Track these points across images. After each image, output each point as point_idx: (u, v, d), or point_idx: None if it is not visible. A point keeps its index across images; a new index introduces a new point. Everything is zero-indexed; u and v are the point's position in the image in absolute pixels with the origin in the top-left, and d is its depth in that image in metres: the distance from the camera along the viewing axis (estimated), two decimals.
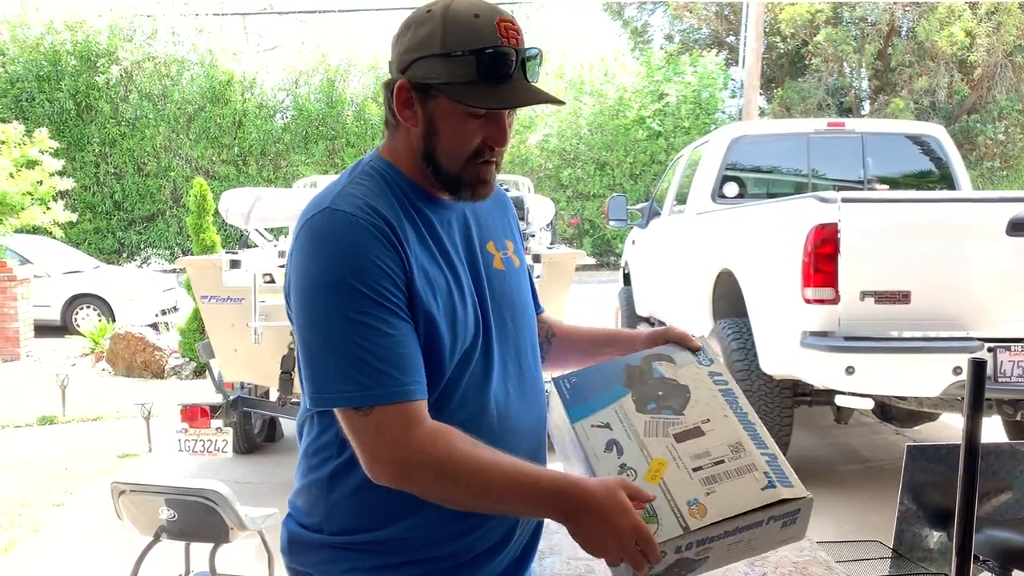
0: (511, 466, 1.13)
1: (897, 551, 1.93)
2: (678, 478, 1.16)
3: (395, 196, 1.22)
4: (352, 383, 1.12)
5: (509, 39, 1.17)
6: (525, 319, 1.36)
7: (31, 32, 18.57)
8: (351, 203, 1.17)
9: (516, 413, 1.29)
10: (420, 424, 1.13)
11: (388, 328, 1.13)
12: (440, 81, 1.17)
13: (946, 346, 3.74)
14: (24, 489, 4.71)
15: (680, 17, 22.59)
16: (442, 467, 1.12)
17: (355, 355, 1.12)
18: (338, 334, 1.12)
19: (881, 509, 4.05)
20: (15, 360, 9.45)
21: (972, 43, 17.71)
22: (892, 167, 5.97)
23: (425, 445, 1.12)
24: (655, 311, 6.98)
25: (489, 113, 1.20)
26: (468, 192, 1.24)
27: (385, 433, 1.12)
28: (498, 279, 1.31)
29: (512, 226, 1.44)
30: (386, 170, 1.25)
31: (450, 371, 1.21)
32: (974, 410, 1.45)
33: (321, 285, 1.14)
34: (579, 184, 19.48)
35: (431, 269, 1.20)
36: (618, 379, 1.30)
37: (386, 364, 1.12)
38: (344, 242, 1.14)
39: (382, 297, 1.13)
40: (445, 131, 1.20)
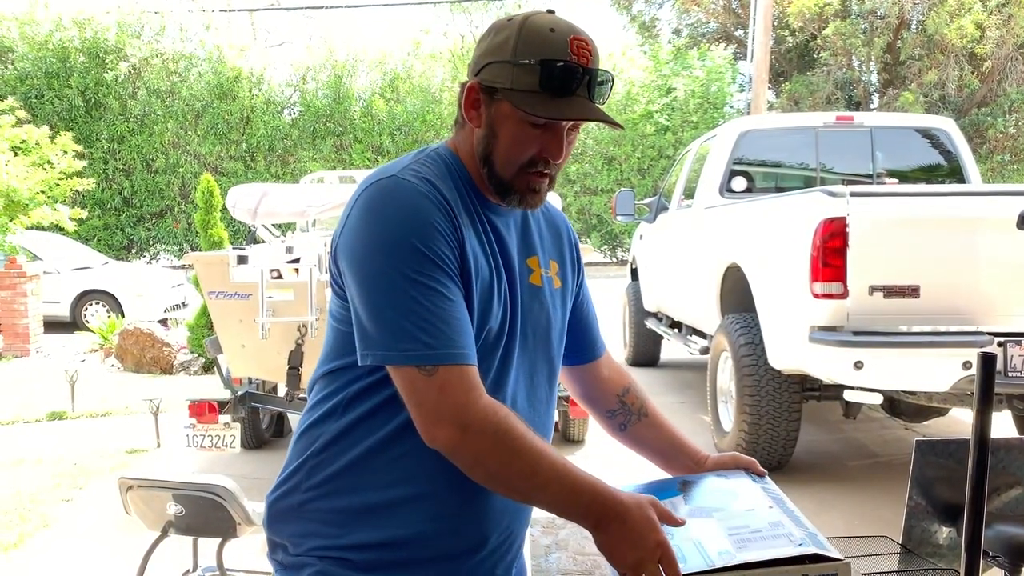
0: (560, 459, 1.15)
1: (906, 546, 1.92)
2: (712, 534, 1.19)
3: (455, 183, 1.26)
4: (416, 342, 1.12)
5: (579, 57, 1.20)
6: (548, 341, 1.36)
7: (40, 29, 18.63)
8: (416, 176, 1.21)
9: (524, 419, 1.27)
10: (481, 390, 1.15)
11: (447, 292, 1.15)
12: (505, 86, 1.20)
13: (955, 340, 3.72)
14: (34, 484, 4.73)
15: (688, 11, 22.51)
16: (502, 437, 1.12)
17: (419, 314, 1.13)
18: (400, 292, 1.13)
19: (890, 504, 4.04)
20: (25, 356, 9.50)
21: (982, 36, 17.59)
22: (901, 161, 5.94)
23: (488, 412, 1.13)
24: (663, 306, 6.97)
25: (548, 125, 1.22)
26: (517, 199, 1.26)
27: (449, 394, 1.12)
28: (530, 294, 1.33)
29: (565, 251, 1.45)
30: (451, 159, 1.29)
31: (480, 347, 1.23)
32: (984, 405, 1.44)
33: (385, 244, 1.15)
34: (587, 179, 19.45)
35: (479, 255, 1.23)
36: (673, 486, 1.38)
37: (447, 326, 1.13)
38: (408, 206, 1.17)
39: (442, 261, 1.15)
40: (504, 136, 1.23)
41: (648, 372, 7.79)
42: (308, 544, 1.24)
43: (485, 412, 1.13)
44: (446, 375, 1.13)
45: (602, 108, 1.25)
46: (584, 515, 1.14)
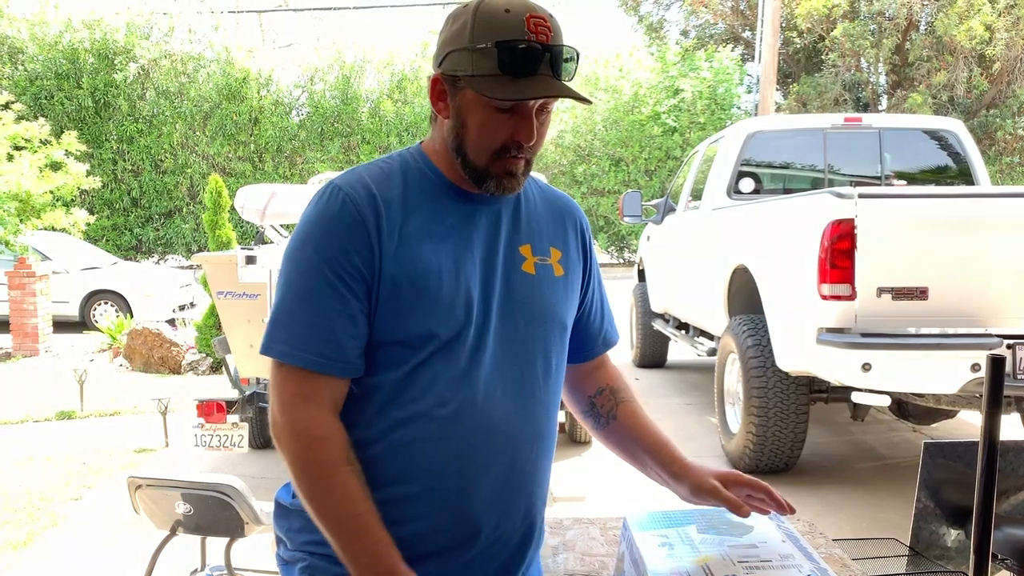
0: (355, 508, 1.15)
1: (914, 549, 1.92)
2: (722, 561, 1.21)
3: (408, 180, 1.26)
4: (276, 336, 1.20)
5: (538, 35, 1.17)
6: (544, 329, 1.32)
7: (50, 30, 18.75)
8: (349, 179, 1.23)
9: (503, 418, 1.26)
10: (310, 402, 1.18)
11: (324, 299, 1.18)
12: (466, 73, 1.19)
13: (964, 343, 3.70)
14: (43, 483, 4.75)
15: (696, 12, 22.49)
16: (304, 455, 1.17)
17: (289, 313, 1.20)
18: (289, 293, 1.21)
19: (898, 506, 4.03)
20: (34, 356, 9.54)
21: (991, 37, 17.52)
22: (910, 162, 5.93)
23: (301, 426, 1.18)
24: (670, 307, 6.96)
25: (516, 108, 1.20)
26: (493, 184, 1.24)
27: (282, 391, 1.19)
28: (522, 282, 1.29)
29: (570, 239, 1.40)
30: (413, 157, 1.29)
31: (422, 355, 1.21)
32: (992, 407, 1.44)
33: (293, 247, 1.22)
34: (594, 180, 19.45)
35: (425, 252, 1.21)
36: (690, 517, 1.38)
37: (309, 329, 1.18)
38: (321, 215, 1.20)
39: (331, 270, 1.18)
40: (472, 124, 1.22)
41: (655, 373, 7.78)
42: (301, 539, 1.27)
43: (302, 424, 1.17)
44: (288, 374, 1.19)
45: (570, 85, 1.22)
46: (351, 567, 1.16)
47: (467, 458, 1.23)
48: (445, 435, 1.22)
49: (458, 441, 1.22)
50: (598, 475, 4.69)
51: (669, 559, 1.24)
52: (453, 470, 1.22)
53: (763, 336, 4.49)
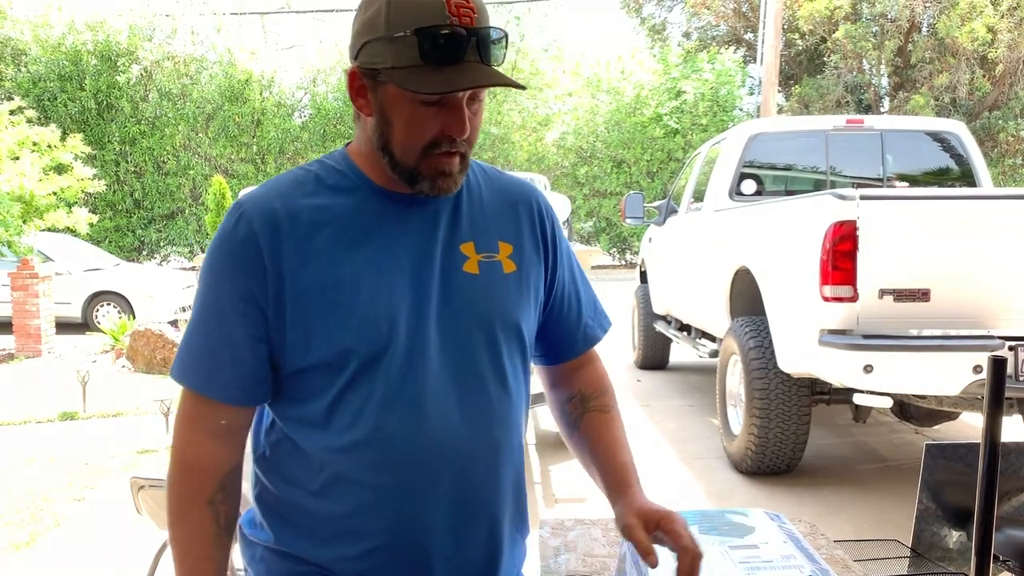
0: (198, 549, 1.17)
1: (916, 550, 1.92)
2: (723, 562, 1.21)
3: (324, 187, 1.18)
4: (177, 354, 1.20)
5: (460, 18, 1.06)
6: (492, 334, 1.20)
7: (53, 32, 18.79)
8: (253, 198, 1.17)
9: (451, 437, 1.16)
10: (196, 423, 1.18)
11: (214, 324, 1.16)
12: (385, 66, 1.08)
13: (966, 344, 3.70)
14: (45, 484, 4.76)
15: (698, 14, 22.49)
16: (175, 476, 1.18)
17: (188, 332, 1.19)
18: (193, 316, 1.20)
19: (900, 508, 4.03)
20: (37, 357, 9.55)
21: (994, 39, 17.52)
22: (912, 164, 5.93)
23: (179, 448, 1.18)
24: (672, 309, 6.96)
25: (445, 99, 1.09)
26: (427, 185, 1.14)
27: (178, 410, 1.20)
28: (464, 284, 1.19)
29: (524, 231, 1.28)
30: (335, 161, 1.21)
31: (345, 376, 1.13)
32: (994, 408, 1.44)
33: (203, 264, 1.19)
34: (596, 182, 19.46)
35: (339, 263, 1.13)
36: (692, 518, 1.35)
37: (199, 351, 1.18)
38: (221, 234, 1.17)
39: (225, 295, 1.15)
40: (397, 120, 1.12)
41: (657, 375, 7.78)
42: (262, 569, 1.29)
43: (180, 447, 1.18)
44: (184, 395, 1.19)
45: (501, 70, 1.13)
46: None
47: (413, 485, 1.15)
48: (387, 462, 1.14)
49: (401, 467, 1.14)
50: None
51: (671, 559, 1.24)
52: (399, 499, 1.15)
53: (765, 338, 4.49)
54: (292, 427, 1.19)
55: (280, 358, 1.16)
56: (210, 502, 1.17)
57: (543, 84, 20.61)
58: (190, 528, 1.17)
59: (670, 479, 4.67)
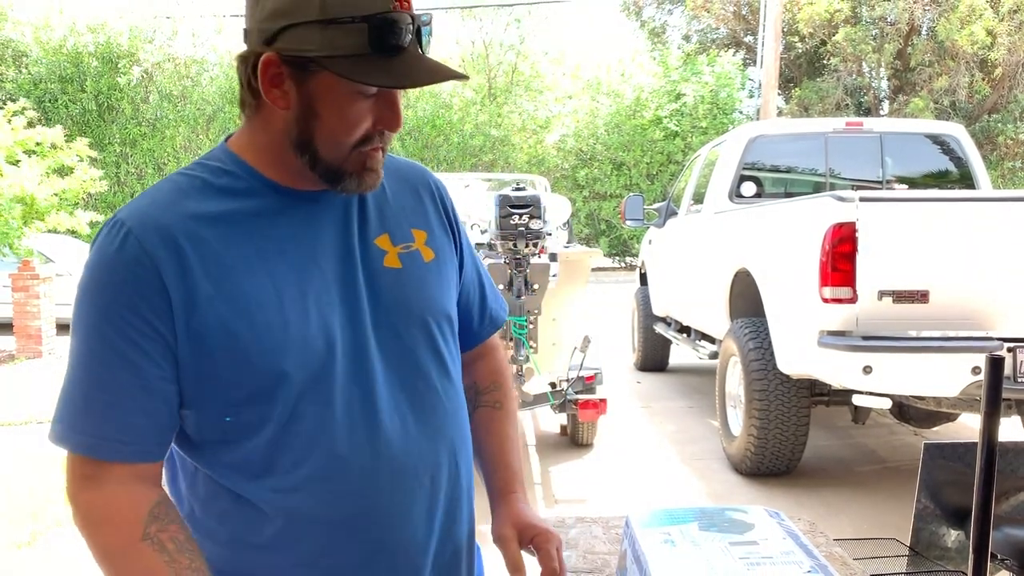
0: (153, 571, 0.97)
1: (914, 549, 1.93)
2: (723, 557, 1.22)
3: (216, 193, 1.04)
4: (57, 414, 1.01)
5: (401, 3, 0.97)
6: (428, 327, 1.12)
7: (54, 34, 18.82)
8: (134, 212, 1.00)
9: (413, 446, 1.07)
10: (93, 484, 0.99)
11: (108, 369, 0.98)
12: (320, 54, 0.96)
13: (965, 345, 3.72)
14: (46, 484, 4.77)
15: (698, 17, 22.53)
16: (91, 535, 1.00)
17: (69, 385, 1.00)
18: (70, 359, 1.01)
19: (899, 509, 4.04)
20: (37, 358, 9.56)
21: (993, 42, 17.56)
22: (911, 167, 5.94)
23: (81, 512, 1.00)
24: (672, 311, 6.97)
25: (382, 92, 1.01)
26: (354, 183, 1.04)
27: (68, 471, 1.02)
28: (389, 280, 1.10)
29: (429, 210, 1.19)
30: (220, 160, 1.07)
31: (286, 406, 1.00)
32: (991, 407, 1.45)
33: (75, 302, 1.01)
34: (596, 184, 19.48)
35: (255, 279, 1.00)
36: (690, 515, 1.37)
37: (88, 406, 0.99)
38: (99, 262, 0.99)
39: (116, 332, 0.97)
40: (328, 114, 1.00)
41: (657, 377, 7.79)
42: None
43: (84, 509, 1.00)
44: (71, 458, 1.01)
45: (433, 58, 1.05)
46: None
47: (382, 509, 1.05)
48: (349, 490, 1.02)
49: (367, 492, 1.04)
50: (599, 477, 4.70)
51: (671, 556, 1.26)
52: (370, 527, 1.04)
53: (764, 339, 4.50)
54: (226, 475, 1.03)
55: (196, 399, 1.00)
56: (145, 536, 0.98)
57: (543, 87, 20.66)
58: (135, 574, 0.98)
59: (670, 480, 4.68)
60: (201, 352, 0.98)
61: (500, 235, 4.13)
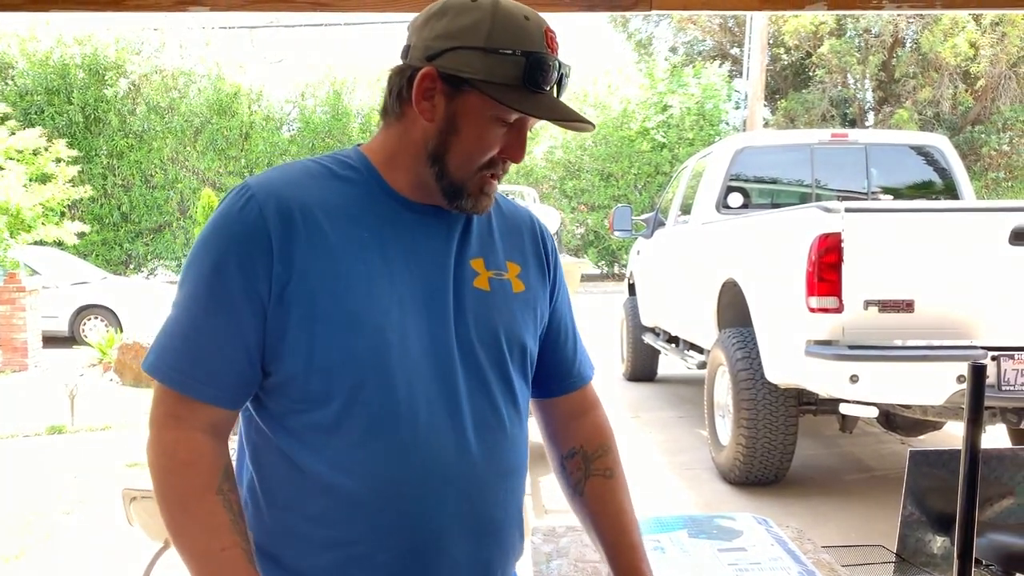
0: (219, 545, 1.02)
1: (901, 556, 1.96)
2: (712, 564, 1.23)
3: (338, 183, 1.12)
4: (154, 347, 1.09)
5: (553, 50, 1.08)
6: (502, 352, 1.17)
7: (41, 46, 18.74)
8: (262, 183, 1.09)
9: (468, 456, 1.11)
10: (179, 422, 1.06)
11: (207, 316, 1.06)
12: (478, 77, 1.05)
13: (950, 354, 3.76)
14: (34, 497, 4.74)
15: (684, 29, 22.68)
16: (165, 476, 1.06)
17: (172, 332, 1.08)
18: (177, 300, 1.10)
19: (886, 516, 4.06)
20: (23, 371, 9.49)
21: (976, 54, 17.75)
22: (896, 178, 6.01)
23: (166, 447, 1.06)
24: (660, 321, 7.00)
25: (515, 124, 1.10)
26: (470, 202, 1.12)
27: (155, 407, 1.09)
28: (475, 300, 1.15)
29: (528, 253, 1.25)
30: (350, 159, 1.15)
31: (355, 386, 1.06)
32: (975, 415, 1.48)
33: (193, 249, 1.10)
34: (584, 195, 19.54)
35: (351, 266, 1.07)
36: (680, 522, 1.40)
37: (184, 345, 1.07)
38: (221, 219, 1.07)
39: (222, 286, 1.05)
40: (468, 132, 1.08)
41: (645, 387, 7.81)
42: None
43: (169, 446, 1.06)
44: (160, 392, 1.08)
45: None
46: None
47: (426, 505, 1.09)
48: (397, 493, 1.07)
49: (416, 485, 1.08)
50: None
51: (661, 563, 1.27)
52: (405, 538, 1.08)
53: (752, 349, 4.53)
54: (290, 443, 1.09)
55: (275, 361, 1.07)
56: (219, 491, 1.05)
57: None
58: (204, 521, 1.03)
59: (659, 489, 4.69)
60: (287, 319, 1.05)
61: None
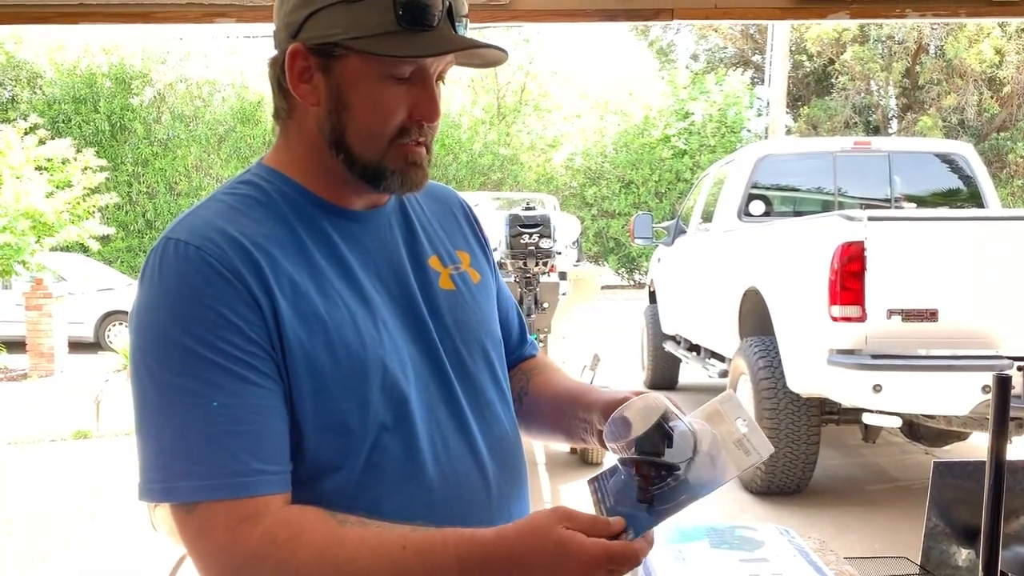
0: (396, 542, 0.83)
1: (925, 568, 1.94)
2: (731, 572, 1.22)
3: (273, 210, 0.95)
4: (167, 472, 0.85)
5: None
6: (486, 350, 1.07)
7: (68, 55, 19.05)
8: (195, 231, 0.90)
9: (490, 478, 1.00)
10: (257, 521, 0.83)
11: (226, 397, 0.84)
12: (347, 36, 0.89)
13: (974, 364, 3.72)
14: (59, 502, 4.80)
15: (706, 36, 22.64)
16: (285, 569, 0.82)
17: (175, 434, 0.85)
18: (159, 406, 0.86)
19: (909, 528, 4.02)
20: (49, 376, 9.62)
21: (1002, 60, 17.59)
22: (920, 185, 5.96)
23: (263, 546, 0.83)
24: (681, 329, 6.98)
25: (415, 76, 0.93)
26: (396, 180, 0.96)
27: (208, 537, 0.84)
28: (447, 302, 1.03)
29: (467, 232, 1.14)
30: (265, 177, 0.98)
31: (368, 440, 0.91)
32: (1000, 426, 1.46)
33: (145, 339, 0.88)
34: (604, 202, 19.53)
35: (330, 300, 0.92)
36: (700, 533, 1.37)
37: (216, 447, 0.84)
38: (174, 285, 0.87)
39: (220, 354, 0.85)
40: (359, 101, 0.93)
41: (666, 395, 7.77)
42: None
43: (257, 548, 0.83)
44: (206, 513, 0.83)
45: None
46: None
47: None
48: (428, 519, 0.89)
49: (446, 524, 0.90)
50: None
51: (683, 573, 1.27)
52: None
53: (774, 358, 4.51)
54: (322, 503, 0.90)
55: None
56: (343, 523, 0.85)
57: (552, 106, 20.75)
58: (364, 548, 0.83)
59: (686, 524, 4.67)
60: (290, 373, 0.89)
61: (510, 254, 4.17)
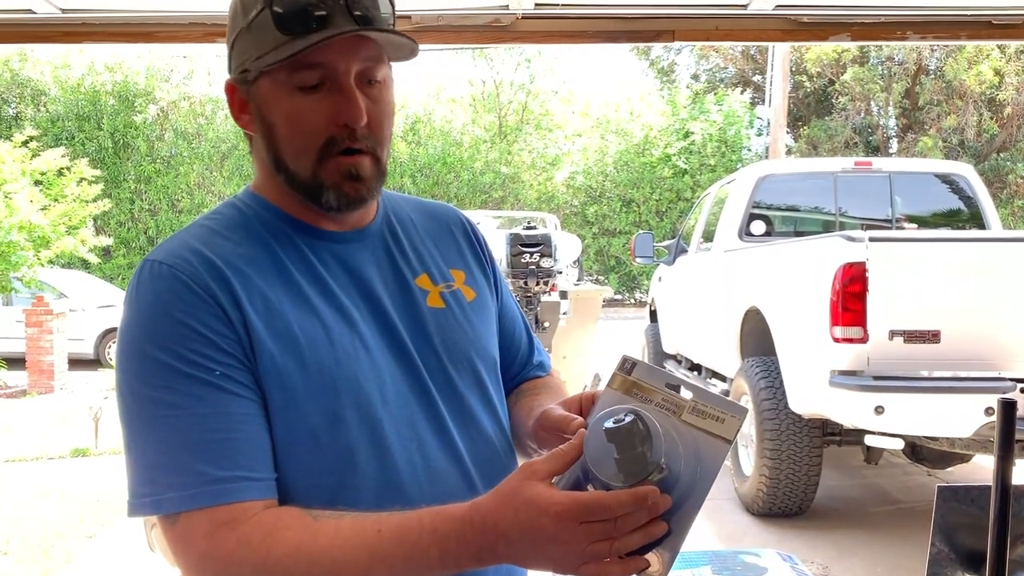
0: (371, 528, 0.83)
1: None
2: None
3: (250, 232, 0.97)
4: (155, 485, 0.86)
5: None
6: (476, 370, 1.05)
7: (72, 73, 19.16)
8: (170, 252, 0.93)
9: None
10: (234, 526, 0.84)
11: (201, 406, 0.86)
12: (251, 58, 0.92)
13: (977, 386, 3.70)
14: (57, 520, 4.77)
15: (706, 56, 22.77)
16: (262, 568, 0.83)
17: (155, 446, 0.87)
18: (140, 420, 0.88)
19: (912, 552, 3.99)
20: (49, 393, 9.59)
21: (1001, 81, 17.67)
22: (920, 206, 5.96)
23: (238, 549, 0.84)
24: (682, 348, 6.96)
25: (327, 83, 0.92)
26: (333, 196, 0.95)
27: (191, 545, 0.85)
28: (434, 321, 1.03)
29: (465, 250, 1.14)
30: (247, 202, 1.01)
31: (340, 458, 0.92)
32: (1005, 451, 1.45)
33: (124, 357, 0.90)
34: (605, 221, 19.57)
35: (304, 316, 0.93)
36: (703, 558, 1.38)
37: (196, 456, 0.85)
38: (148, 302, 0.90)
39: (194, 366, 0.87)
40: (279, 120, 0.94)
41: None
42: None
43: (232, 552, 0.84)
44: (187, 522, 0.85)
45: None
46: (449, 565, 0.82)
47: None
48: None
49: None
50: None
51: None
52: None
53: (776, 378, 4.49)
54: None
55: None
56: (318, 517, 0.86)
57: (553, 125, 20.85)
58: (339, 538, 0.84)
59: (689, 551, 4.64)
60: (263, 385, 0.91)
61: (511, 273, 4.17)
